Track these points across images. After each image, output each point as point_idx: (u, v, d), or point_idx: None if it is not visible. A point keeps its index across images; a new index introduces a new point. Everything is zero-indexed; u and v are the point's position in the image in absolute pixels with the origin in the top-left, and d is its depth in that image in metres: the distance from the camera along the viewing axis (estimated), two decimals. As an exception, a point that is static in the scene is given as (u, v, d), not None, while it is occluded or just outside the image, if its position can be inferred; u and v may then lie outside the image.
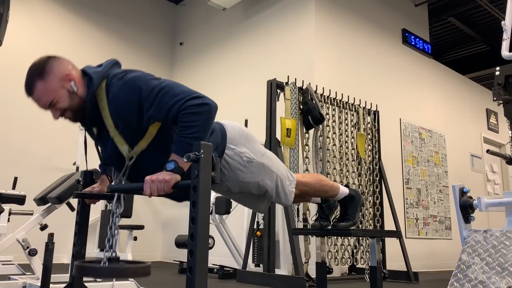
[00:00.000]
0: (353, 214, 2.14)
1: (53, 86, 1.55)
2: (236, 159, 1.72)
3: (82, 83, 1.60)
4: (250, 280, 3.68)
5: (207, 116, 1.48)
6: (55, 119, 1.62)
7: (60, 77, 1.57)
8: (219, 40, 6.52)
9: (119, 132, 1.56)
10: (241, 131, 1.81)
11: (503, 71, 2.76)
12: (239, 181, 1.75)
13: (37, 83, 1.55)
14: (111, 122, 1.56)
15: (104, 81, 1.58)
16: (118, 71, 1.61)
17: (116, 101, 1.53)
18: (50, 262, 1.93)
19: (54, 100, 1.56)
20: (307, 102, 4.10)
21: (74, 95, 1.57)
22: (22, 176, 4.27)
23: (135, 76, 1.55)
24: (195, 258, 1.27)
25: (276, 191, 1.85)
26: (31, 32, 5.80)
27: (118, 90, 1.52)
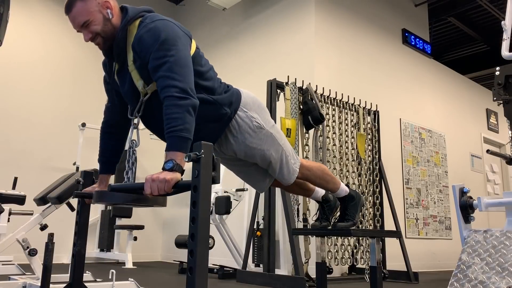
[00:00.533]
0: (353, 214, 2.15)
1: (91, 8, 1.64)
2: (247, 121, 1.78)
3: (118, 15, 1.70)
4: (250, 280, 3.68)
5: (187, 109, 1.50)
6: (86, 40, 1.68)
7: (99, 2, 1.66)
8: (219, 40, 6.52)
9: (136, 67, 1.64)
10: (255, 99, 1.88)
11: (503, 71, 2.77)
12: (246, 145, 1.79)
13: (77, 2, 1.64)
14: (131, 56, 1.64)
15: (138, 19, 1.68)
16: (153, 15, 1.71)
17: (138, 40, 1.62)
18: (50, 262, 1.93)
19: (89, 21, 1.64)
20: (307, 102, 4.10)
21: (108, 22, 1.66)
22: (22, 176, 4.26)
23: (163, 25, 1.63)
24: (195, 258, 1.27)
25: (280, 165, 1.88)
26: (31, 32, 5.80)
27: (144, 31, 1.62)
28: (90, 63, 6.23)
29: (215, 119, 1.74)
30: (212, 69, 1.81)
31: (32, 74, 5.67)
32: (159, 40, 1.57)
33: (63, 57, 6.01)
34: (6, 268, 3.67)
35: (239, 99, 1.80)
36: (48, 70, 5.83)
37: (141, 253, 6.08)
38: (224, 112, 1.73)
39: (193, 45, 1.73)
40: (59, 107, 5.79)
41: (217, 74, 1.84)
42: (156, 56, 1.56)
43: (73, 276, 1.79)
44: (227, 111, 1.74)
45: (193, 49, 1.71)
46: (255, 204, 4.06)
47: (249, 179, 2.06)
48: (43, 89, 5.71)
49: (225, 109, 1.73)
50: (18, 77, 5.54)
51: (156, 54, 1.56)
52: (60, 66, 5.95)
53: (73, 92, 5.95)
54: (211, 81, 1.75)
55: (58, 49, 5.99)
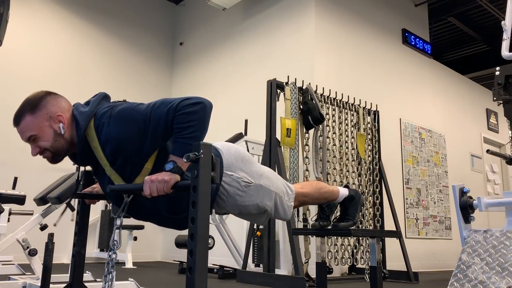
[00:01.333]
0: (353, 214, 2.14)
1: (40, 123, 1.55)
2: (234, 185, 1.69)
3: (72, 126, 1.58)
4: (250, 280, 3.68)
5: (202, 115, 1.48)
6: (33, 155, 1.59)
7: (51, 116, 1.56)
8: (219, 40, 6.52)
9: (115, 170, 1.55)
10: (237, 154, 1.76)
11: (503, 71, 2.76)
12: (238, 205, 1.73)
13: (26, 115, 1.56)
14: (106, 161, 1.54)
15: (92, 120, 1.55)
16: (105, 109, 1.56)
17: (112, 139, 1.50)
18: (50, 262, 1.93)
19: (36, 136, 1.56)
20: (307, 102, 4.10)
21: (60, 137, 1.56)
22: (22, 176, 4.27)
23: (123, 108, 1.53)
24: (195, 258, 1.27)
25: (275, 209, 1.84)
26: (31, 32, 5.80)
27: (111, 127, 1.50)
28: (90, 63, 6.23)
29: None
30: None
31: (32, 74, 5.67)
32: (133, 117, 1.49)
33: (63, 57, 6.01)
34: (6, 268, 3.67)
35: (222, 164, 1.69)
36: (49, 69, 5.83)
37: (141, 253, 6.08)
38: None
39: None
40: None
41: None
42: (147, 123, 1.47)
43: (73, 276, 1.79)
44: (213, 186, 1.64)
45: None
46: (255, 204, 4.05)
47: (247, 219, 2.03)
48: (43, 89, 5.70)
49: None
50: (18, 77, 5.54)
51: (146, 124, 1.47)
52: (60, 66, 5.95)
53: (73, 92, 5.91)
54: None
55: (59, 49, 5.99)
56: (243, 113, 5.22)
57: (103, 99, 1.65)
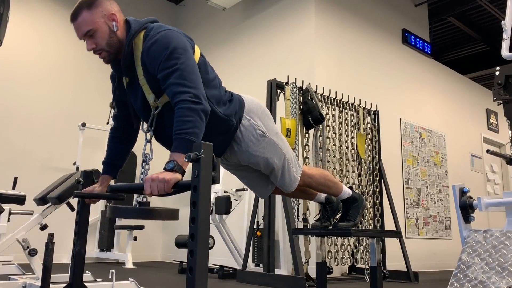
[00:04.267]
0: (355, 216, 2.15)
1: (96, 18, 1.64)
2: (250, 130, 1.79)
3: (124, 28, 1.69)
4: (250, 280, 3.68)
5: (199, 114, 1.52)
6: (88, 49, 1.67)
7: (106, 13, 1.65)
8: (219, 40, 6.52)
9: (147, 81, 1.64)
10: (258, 106, 1.88)
11: (503, 71, 2.76)
12: (249, 153, 1.79)
13: (83, 11, 1.63)
14: (141, 70, 1.64)
15: (143, 31, 1.67)
16: (157, 25, 1.69)
17: (146, 53, 1.61)
18: (50, 262, 1.93)
19: (93, 30, 1.64)
20: (307, 102, 4.10)
21: (114, 35, 1.66)
22: (22, 176, 4.26)
23: (170, 36, 1.62)
24: (195, 258, 1.27)
25: (282, 172, 1.88)
26: (31, 32, 5.80)
27: (151, 43, 1.61)
28: (90, 63, 6.22)
29: (223, 131, 1.75)
30: (217, 77, 1.82)
31: (32, 74, 5.67)
32: (167, 50, 1.58)
33: (63, 57, 6.01)
34: (6, 268, 3.67)
35: (243, 106, 1.80)
36: (48, 70, 5.83)
37: (141, 253, 6.08)
38: (231, 123, 1.74)
39: (197, 53, 1.73)
40: (59, 107, 5.79)
41: (221, 82, 1.84)
42: (165, 66, 1.56)
43: (73, 276, 1.80)
44: (233, 122, 1.75)
45: (197, 57, 1.71)
46: (255, 204, 4.06)
47: (251, 185, 2.07)
48: (43, 89, 5.71)
49: (232, 120, 1.74)
50: (18, 77, 5.54)
51: (165, 64, 1.56)
52: (60, 66, 5.95)
53: (73, 92, 5.95)
54: (216, 89, 1.75)
55: (58, 49, 5.99)
56: (243, 113, 5.21)
57: (154, 22, 1.74)
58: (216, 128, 1.71)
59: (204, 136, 1.62)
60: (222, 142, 1.78)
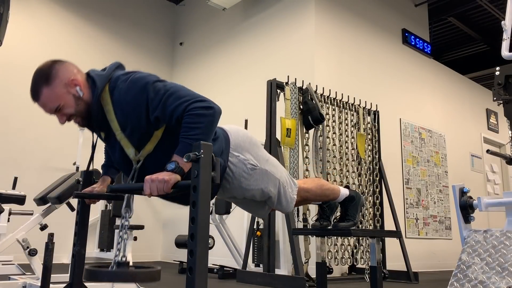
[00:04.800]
0: (354, 214, 2.15)
1: (59, 92, 1.55)
2: (240, 166, 1.71)
3: (87, 87, 1.59)
4: (250, 280, 3.68)
5: (211, 119, 1.49)
6: (61, 123, 1.61)
7: (66, 82, 1.56)
8: (219, 40, 6.52)
9: (126, 135, 1.56)
10: (245, 137, 1.80)
11: (503, 71, 2.76)
12: (243, 188, 1.74)
13: (43, 89, 1.55)
14: (117, 125, 1.56)
15: (107, 84, 1.58)
16: (121, 73, 1.60)
17: (123, 103, 1.53)
18: (50, 262, 1.93)
19: (60, 105, 1.56)
20: (307, 102, 4.10)
21: (80, 100, 1.57)
22: (22, 176, 4.26)
23: (140, 77, 1.55)
24: (195, 258, 1.27)
25: (278, 198, 1.85)
26: (31, 32, 5.80)
27: (125, 92, 1.53)
28: (90, 62, 6.21)
29: None
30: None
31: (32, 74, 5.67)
32: (147, 90, 1.50)
33: (64, 57, 5.94)
34: (6, 268, 3.66)
35: (228, 143, 1.71)
36: (48, 70, 5.83)
37: (141, 253, 6.08)
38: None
39: None
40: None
41: None
42: (156, 103, 1.50)
43: (73, 276, 1.79)
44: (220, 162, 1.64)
45: None
46: (255, 204, 4.05)
47: (248, 209, 2.04)
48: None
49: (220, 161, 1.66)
50: (18, 77, 5.54)
51: (154, 102, 1.50)
52: (60, 66, 5.95)
53: (73, 92, 5.95)
54: None
55: (59, 49, 5.99)
56: (243, 113, 5.22)
57: (118, 68, 1.68)
58: None
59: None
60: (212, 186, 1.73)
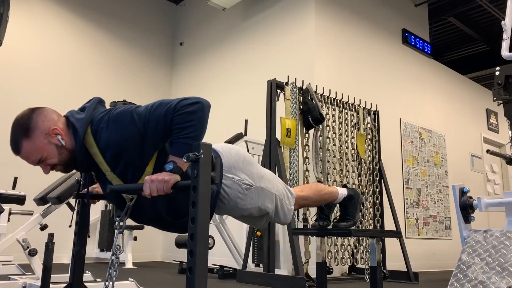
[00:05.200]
0: (353, 214, 2.15)
1: (40, 143, 1.51)
2: (235, 187, 1.68)
3: (69, 134, 1.55)
4: (250, 280, 3.68)
5: (200, 114, 1.47)
6: (46, 173, 1.58)
7: (46, 133, 1.51)
8: (219, 40, 6.52)
9: (117, 174, 1.54)
10: (237, 156, 1.75)
11: (503, 71, 2.76)
12: (239, 208, 1.72)
13: (23, 142, 1.51)
14: (106, 166, 1.53)
15: (89, 126, 1.53)
16: (101, 114, 1.54)
17: (112, 144, 1.49)
18: (50, 262, 1.93)
19: (43, 157, 1.53)
20: (307, 102, 4.10)
21: (63, 149, 1.54)
22: (22, 176, 4.26)
23: (121, 112, 1.51)
24: (195, 258, 1.27)
25: (276, 212, 1.84)
26: (31, 32, 5.80)
27: (110, 132, 1.48)
28: (90, 62, 6.23)
29: None
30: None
31: (32, 74, 5.67)
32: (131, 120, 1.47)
33: (64, 57, 6.01)
34: (6, 268, 3.67)
35: (222, 167, 1.67)
36: (49, 70, 5.83)
37: (141, 253, 6.08)
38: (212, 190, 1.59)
39: None
40: (59, 107, 5.72)
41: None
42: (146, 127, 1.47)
43: (73, 276, 1.79)
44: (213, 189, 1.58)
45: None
46: (255, 204, 4.05)
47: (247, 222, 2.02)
48: (43, 89, 5.71)
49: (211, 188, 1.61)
50: (18, 77, 5.54)
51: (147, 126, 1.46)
52: (61, 66, 5.95)
53: (73, 92, 5.95)
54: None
55: (59, 49, 5.99)
56: (243, 113, 5.22)
57: (98, 104, 1.63)
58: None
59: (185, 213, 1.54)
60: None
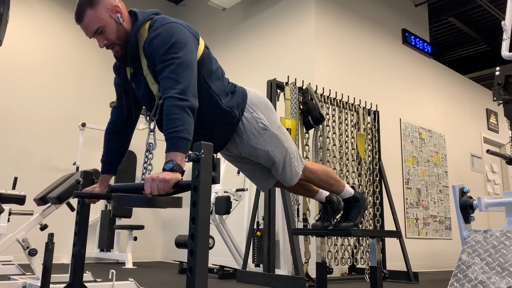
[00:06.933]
0: (356, 216, 2.15)
1: (102, 14, 1.64)
2: (252, 122, 1.80)
3: (128, 19, 1.70)
4: (250, 280, 3.68)
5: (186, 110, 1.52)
6: (101, 47, 1.69)
7: (109, 7, 1.65)
8: (219, 40, 6.52)
9: (150, 71, 1.65)
10: (261, 99, 1.90)
11: (503, 71, 2.77)
12: (250, 146, 1.81)
13: (87, 10, 1.63)
14: (145, 60, 1.66)
15: (148, 22, 1.69)
16: (161, 18, 1.69)
17: (148, 44, 1.62)
18: (50, 262, 1.93)
19: (101, 27, 1.64)
20: (307, 102, 4.10)
21: (121, 27, 1.67)
22: (22, 176, 4.26)
23: (172, 28, 1.63)
24: (195, 258, 1.27)
25: (283, 166, 1.89)
26: (31, 32, 5.80)
27: (154, 35, 1.62)
28: (90, 63, 6.23)
29: (225, 123, 1.77)
30: (220, 68, 1.86)
31: (32, 74, 5.67)
32: (167, 44, 1.59)
33: (64, 57, 6.01)
34: (6, 268, 3.67)
35: (245, 99, 1.83)
36: (49, 70, 5.83)
37: (141, 253, 6.08)
38: (233, 115, 1.76)
39: (201, 45, 1.75)
40: (59, 107, 5.79)
41: (224, 73, 1.87)
42: (163, 59, 1.58)
43: (73, 276, 1.80)
44: (236, 113, 1.77)
45: (201, 49, 1.73)
46: (255, 204, 4.06)
47: (253, 177, 2.08)
48: (43, 89, 5.71)
49: (234, 112, 1.76)
50: (18, 77, 5.54)
51: (163, 58, 1.58)
52: (61, 66, 5.95)
53: (73, 92, 5.95)
54: (219, 80, 1.79)
55: (59, 49, 5.99)
56: (243, 113, 5.21)
57: (156, 14, 1.76)
58: (219, 119, 1.74)
59: (207, 126, 1.68)
60: (225, 133, 1.79)
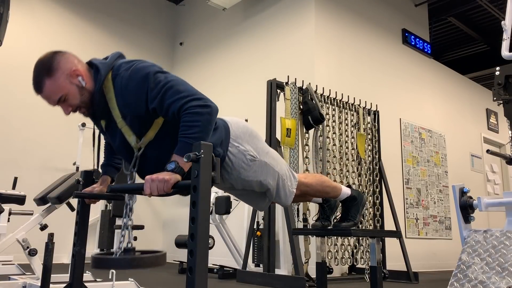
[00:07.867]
0: (355, 215, 2.14)
1: (62, 83, 1.56)
2: (240, 157, 1.72)
3: (89, 76, 1.61)
4: (250, 280, 3.68)
5: (208, 118, 1.50)
6: (66, 114, 1.63)
7: (68, 73, 1.57)
8: (219, 40, 6.52)
9: (127, 123, 1.58)
10: (245, 129, 1.80)
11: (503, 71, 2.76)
12: (242, 179, 1.75)
13: (45, 80, 1.56)
14: (118, 113, 1.58)
15: (110, 72, 1.59)
16: (124, 61, 1.62)
17: (125, 92, 1.54)
18: (50, 262, 1.93)
19: (64, 97, 1.57)
20: (307, 102, 4.10)
21: (83, 90, 1.58)
22: (22, 176, 4.26)
23: (142, 66, 1.56)
24: (195, 258, 1.27)
25: (277, 190, 1.85)
26: (31, 32, 5.80)
27: (126, 80, 1.54)
28: (90, 63, 6.22)
29: None
30: None
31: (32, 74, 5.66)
32: (148, 79, 1.52)
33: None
34: (6, 268, 3.67)
35: (228, 133, 1.71)
36: (48, 70, 5.83)
37: (141, 253, 6.07)
38: (217, 153, 1.64)
39: None
40: (59, 107, 5.78)
41: None
42: (155, 93, 1.51)
43: (73, 276, 1.79)
44: (220, 151, 1.66)
45: None
46: (255, 204, 4.05)
47: (249, 201, 2.05)
48: (43, 89, 5.71)
49: (217, 151, 1.65)
50: (18, 77, 5.54)
51: (154, 92, 1.51)
52: (60, 66, 5.95)
53: (73, 92, 5.95)
54: None
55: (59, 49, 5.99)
56: (243, 113, 5.21)
57: (119, 57, 1.69)
58: None
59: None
60: None
